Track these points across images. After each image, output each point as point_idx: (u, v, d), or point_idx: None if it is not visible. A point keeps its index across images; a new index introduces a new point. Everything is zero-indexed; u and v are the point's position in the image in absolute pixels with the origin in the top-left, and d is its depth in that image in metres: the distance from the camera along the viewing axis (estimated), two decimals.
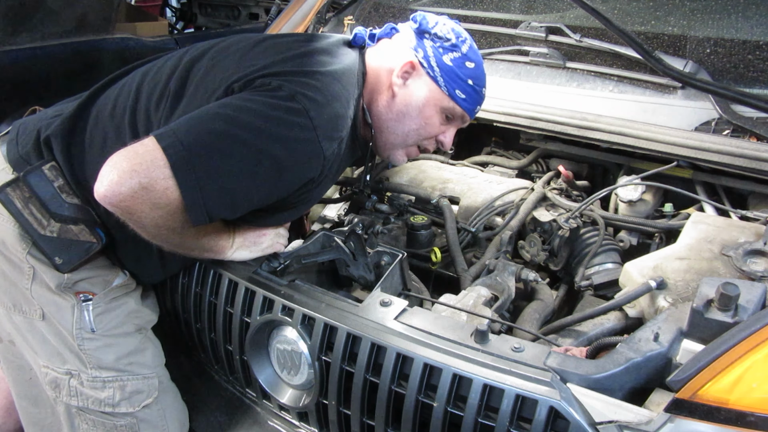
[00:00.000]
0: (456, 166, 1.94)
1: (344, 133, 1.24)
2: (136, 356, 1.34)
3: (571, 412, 0.92)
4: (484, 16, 1.95)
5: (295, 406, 1.26)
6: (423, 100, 1.32)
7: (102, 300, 1.29)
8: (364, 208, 1.77)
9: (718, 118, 1.50)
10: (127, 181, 1.02)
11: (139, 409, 1.33)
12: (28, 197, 1.22)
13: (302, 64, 1.22)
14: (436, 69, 1.30)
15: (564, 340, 1.27)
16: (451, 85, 1.31)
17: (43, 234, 1.22)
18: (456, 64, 1.30)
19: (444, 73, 1.30)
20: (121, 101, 1.29)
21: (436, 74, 1.30)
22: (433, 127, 1.37)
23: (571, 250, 1.53)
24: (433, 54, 1.30)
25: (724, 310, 0.96)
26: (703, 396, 0.90)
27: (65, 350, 1.29)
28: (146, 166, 1.03)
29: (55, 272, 1.24)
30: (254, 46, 1.29)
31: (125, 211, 1.06)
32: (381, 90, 1.35)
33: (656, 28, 1.67)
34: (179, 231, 1.14)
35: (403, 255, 1.32)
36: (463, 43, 1.32)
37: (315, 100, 1.15)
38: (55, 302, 1.27)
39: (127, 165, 1.03)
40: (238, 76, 1.18)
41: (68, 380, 1.30)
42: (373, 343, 1.09)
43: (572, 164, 1.82)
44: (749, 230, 1.32)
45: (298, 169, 1.17)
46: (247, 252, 1.30)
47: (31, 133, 1.29)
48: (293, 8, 2.22)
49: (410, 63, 1.31)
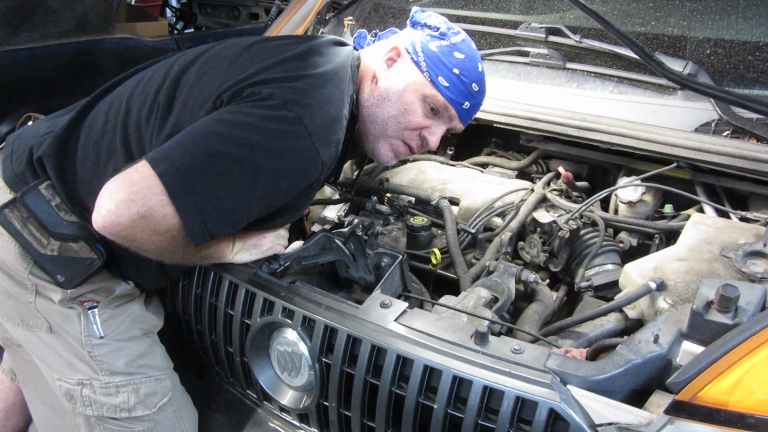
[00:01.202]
0: (456, 167, 1.94)
1: (340, 135, 1.22)
2: (146, 359, 1.34)
3: (571, 414, 0.93)
4: (484, 17, 1.95)
5: (295, 407, 1.26)
6: (403, 85, 1.30)
7: (107, 307, 1.29)
8: (364, 210, 1.77)
9: (718, 119, 1.50)
10: (125, 211, 1.01)
11: (155, 411, 1.33)
12: (27, 217, 1.21)
13: (292, 68, 1.19)
14: (420, 54, 1.29)
15: (564, 341, 1.27)
16: (433, 71, 1.28)
17: (43, 253, 1.21)
18: (442, 51, 1.29)
19: (427, 58, 1.29)
20: (112, 115, 1.27)
21: (419, 59, 1.29)
22: (414, 115, 1.31)
23: (571, 252, 1.53)
24: (419, 40, 1.30)
25: (724, 311, 0.96)
26: (703, 398, 0.90)
27: (75, 360, 1.29)
28: (143, 194, 1.02)
29: (58, 288, 1.24)
30: (242, 52, 1.27)
31: (126, 239, 1.06)
32: (367, 79, 1.34)
33: (656, 28, 1.67)
34: (181, 251, 1.14)
35: (403, 256, 1.32)
36: (454, 34, 1.31)
37: (308, 106, 1.13)
38: (61, 313, 1.27)
39: (124, 194, 1.02)
40: (227, 86, 1.16)
41: (80, 390, 1.30)
42: (373, 344, 1.10)
43: (572, 165, 1.82)
44: (749, 231, 1.32)
45: (296, 177, 1.16)
46: (247, 255, 1.30)
47: (25, 151, 1.27)
48: (293, 9, 2.22)
49: (395, 48, 1.31)
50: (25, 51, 2.92)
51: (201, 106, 1.18)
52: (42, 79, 2.98)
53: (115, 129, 1.25)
